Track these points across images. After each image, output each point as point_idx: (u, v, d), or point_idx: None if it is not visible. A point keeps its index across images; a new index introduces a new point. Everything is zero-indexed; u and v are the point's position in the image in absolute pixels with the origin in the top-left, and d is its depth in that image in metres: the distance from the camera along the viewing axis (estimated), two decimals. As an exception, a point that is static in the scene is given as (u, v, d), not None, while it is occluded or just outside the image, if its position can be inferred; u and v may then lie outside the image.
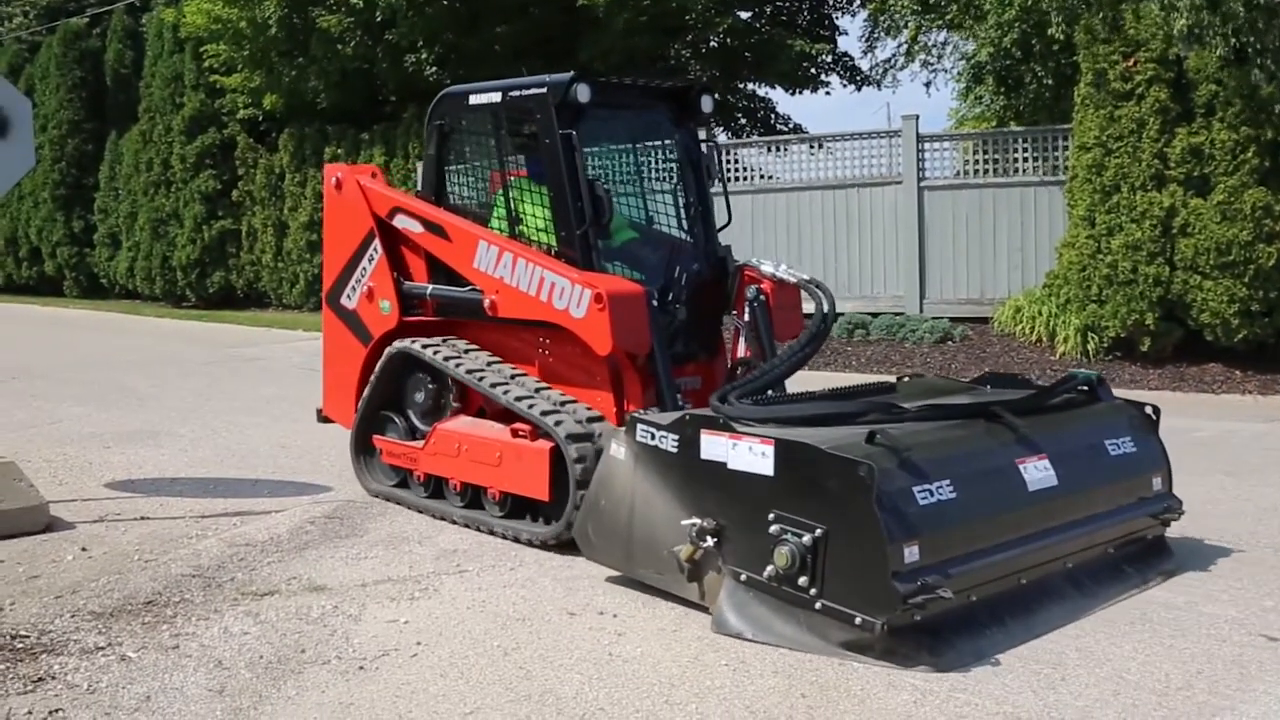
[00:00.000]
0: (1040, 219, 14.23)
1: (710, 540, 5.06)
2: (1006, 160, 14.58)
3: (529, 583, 5.72)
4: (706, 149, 7.42)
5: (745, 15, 21.18)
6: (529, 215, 6.95)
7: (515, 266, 6.70)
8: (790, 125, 23.54)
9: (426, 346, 7.14)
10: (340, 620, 5.19)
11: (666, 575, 5.32)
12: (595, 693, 4.36)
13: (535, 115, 6.78)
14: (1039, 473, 5.32)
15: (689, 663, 4.63)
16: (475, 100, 7.17)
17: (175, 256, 24.63)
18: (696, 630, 4.98)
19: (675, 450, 5.27)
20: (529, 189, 7.03)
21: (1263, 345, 11.94)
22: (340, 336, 7.88)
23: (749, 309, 6.94)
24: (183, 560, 6.15)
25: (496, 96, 7.02)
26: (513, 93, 6.93)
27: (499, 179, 7.21)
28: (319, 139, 22.17)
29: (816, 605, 4.70)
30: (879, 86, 21.31)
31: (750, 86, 23.40)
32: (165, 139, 24.79)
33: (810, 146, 16.57)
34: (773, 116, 23.72)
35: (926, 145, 15.17)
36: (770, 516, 4.84)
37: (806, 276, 6.92)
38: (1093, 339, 12.58)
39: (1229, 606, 5.23)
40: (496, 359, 7.00)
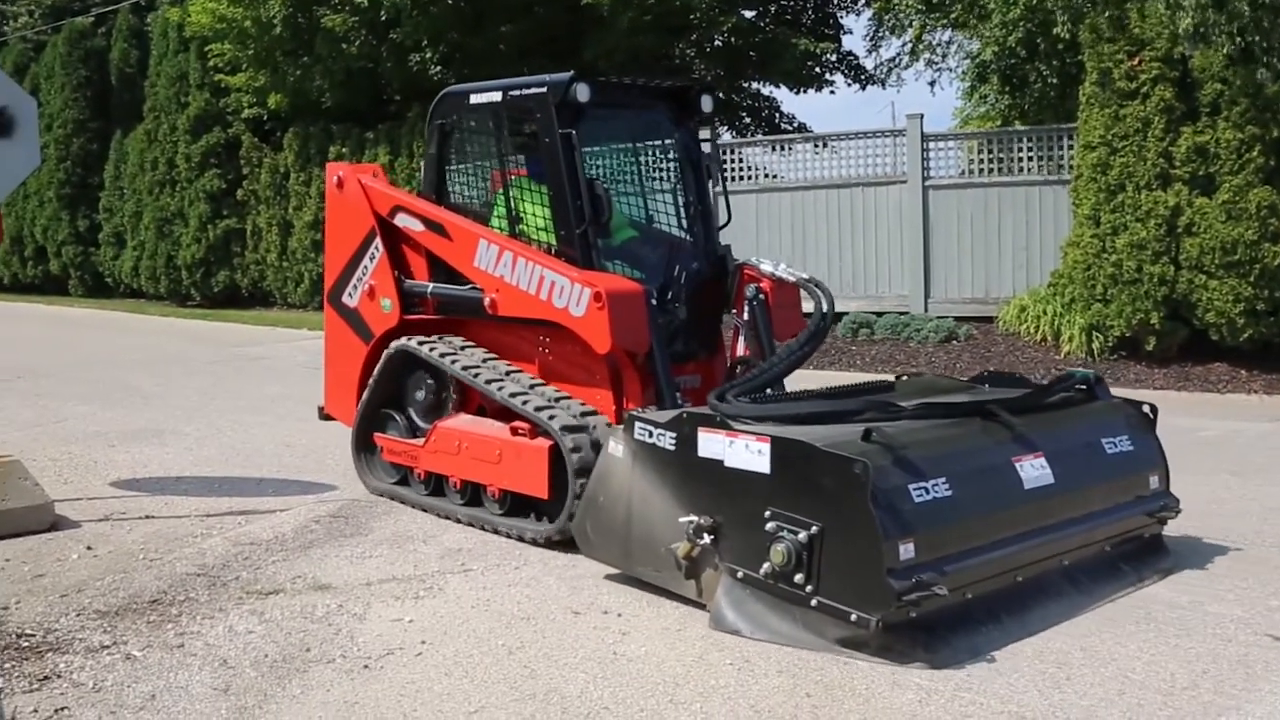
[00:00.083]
0: (1045, 218, 14.20)
1: (707, 537, 5.07)
2: (1011, 159, 14.56)
3: (533, 582, 5.73)
4: (708, 149, 7.43)
5: (750, 14, 21.14)
6: (529, 214, 6.97)
7: (515, 265, 6.72)
8: (795, 124, 23.50)
9: (425, 344, 7.17)
10: (345, 619, 5.20)
11: (664, 572, 5.33)
12: (600, 691, 4.36)
13: (535, 115, 6.80)
14: (1035, 471, 5.32)
15: (693, 662, 4.64)
16: (476, 100, 7.20)
17: (180, 256, 24.66)
18: (701, 629, 4.98)
19: (673, 448, 5.29)
20: (529, 188, 7.05)
21: (1268, 345, 11.91)
22: (342, 335, 7.90)
23: (748, 308, 6.95)
24: (188, 559, 6.17)
25: (497, 96, 7.05)
26: (513, 92, 6.95)
27: (499, 178, 7.23)
28: (324, 138, 22.17)
29: (812, 602, 4.72)
30: (883, 86, 21.33)
31: (755, 85, 23.36)
32: (170, 138, 24.81)
33: (815, 146, 16.55)
34: (777, 116, 23.69)
35: (931, 144, 15.14)
36: (767, 514, 4.86)
37: (805, 275, 6.92)
38: (1098, 338, 12.56)
39: (1234, 606, 5.23)
40: (493, 356, 7.02)
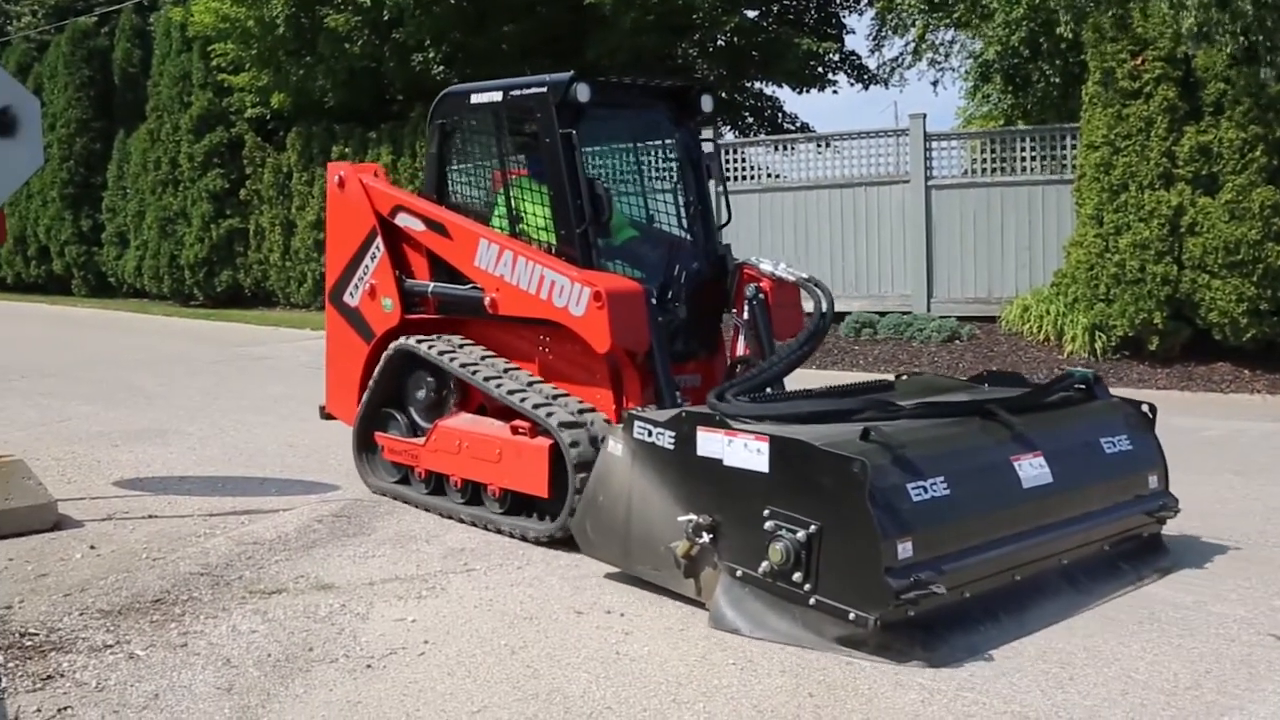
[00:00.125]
0: (1048, 218, 14.19)
1: (706, 536, 5.08)
2: (1013, 159, 14.55)
3: (536, 581, 5.73)
4: (708, 148, 7.44)
5: (752, 14, 21.12)
6: (530, 214, 6.98)
7: (515, 265, 6.73)
8: (797, 124, 23.49)
9: (423, 342, 7.19)
10: (348, 619, 5.20)
11: (663, 571, 5.34)
12: (602, 691, 4.36)
13: (535, 114, 6.82)
14: (1034, 470, 5.33)
15: (696, 661, 4.64)
16: (476, 100, 7.21)
17: (183, 255, 24.67)
18: (704, 629, 4.98)
19: (672, 447, 5.29)
20: (530, 188, 7.06)
21: (1271, 344, 11.90)
22: (343, 334, 7.91)
23: (748, 307, 6.96)
24: (191, 558, 6.17)
25: (497, 96, 7.06)
26: (513, 92, 6.97)
27: (500, 178, 7.24)
28: (326, 138, 22.18)
29: (811, 601, 4.73)
30: (886, 85, 21.32)
31: (757, 85, 23.36)
32: (173, 138, 24.83)
33: (817, 145, 16.54)
34: (780, 115, 23.68)
35: (934, 144, 15.13)
36: (765, 512, 4.86)
37: (805, 275, 6.93)
38: (1100, 338, 12.55)
39: (1237, 606, 5.22)
40: (490, 354, 7.05)
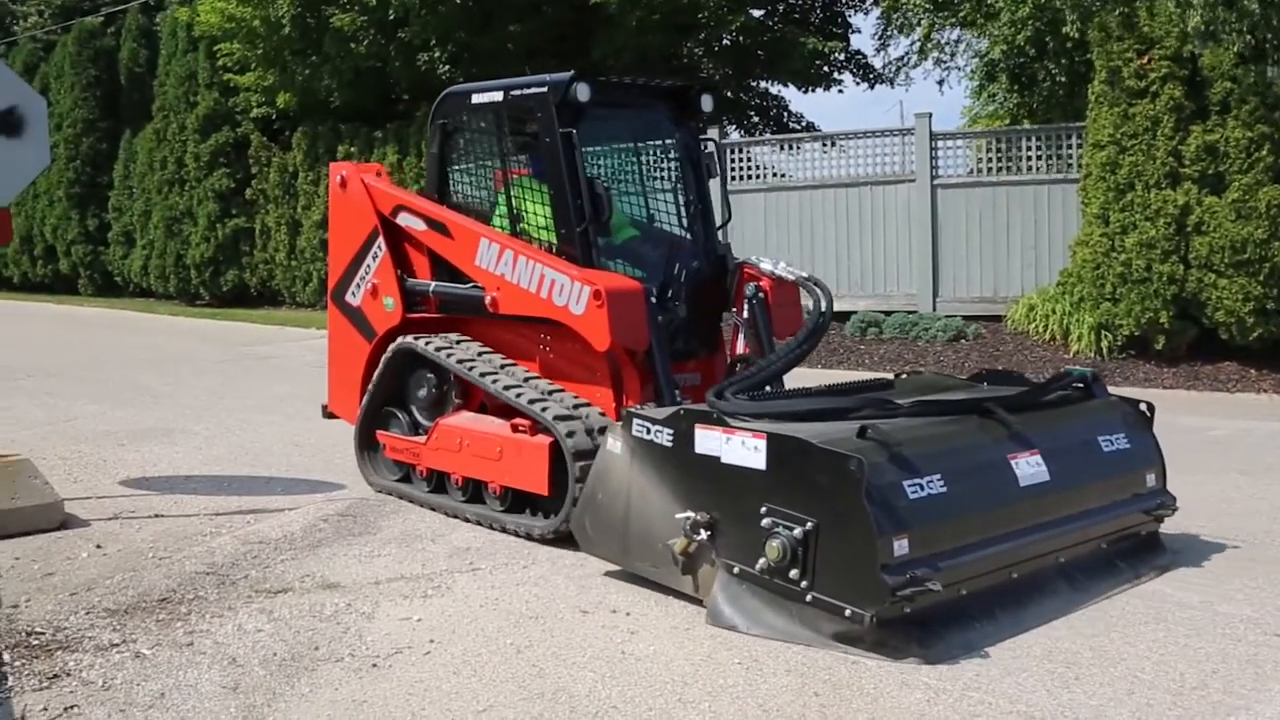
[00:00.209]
0: (1053, 217, 14.17)
1: (704, 533, 5.10)
2: (1019, 159, 14.52)
3: (542, 581, 5.73)
4: (707, 148, 7.46)
5: (758, 13, 21.12)
6: (530, 213, 7.00)
7: (516, 264, 6.76)
8: (803, 123, 23.49)
9: (419, 338, 7.24)
10: (353, 618, 5.21)
11: (661, 568, 5.36)
12: (608, 690, 4.37)
13: (536, 114, 6.85)
14: (1031, 468, 5.34)
15: (702, 661, 4.64)
16: (477, 99, 7.24)
17: (189, 255, 24.70)
18: (709, 629, 4.98)
19: (670, 444, 5.31)
20: (530, 187, 7.08)
21: (1278, 344, 11.87)
22: (345, 333, 7.95)
23: (748, 306, 6.98)
24: (197, 558, 6.18)
25: (498, 95, 7.09)
26: (514, 92, 7.00)
27: (501, 177, 7.26)
28: (332, 137, 22.18)
29: (807, 597, 4.75)
30: (892, 84, 21.28)
31: (763, 84, 23.35)
32: (179, 137, 24.86)
33: (823, 145, 16.52)
34: (785, 115, 23.67)
35: (940, 143, 15.10)
36: (762, 510, 4.88)
37: (805, 274, 6.96)
38: (1106, 337, 12.54)
39: (1244, 605, 5.21)
40: (488, 350, 7.08)
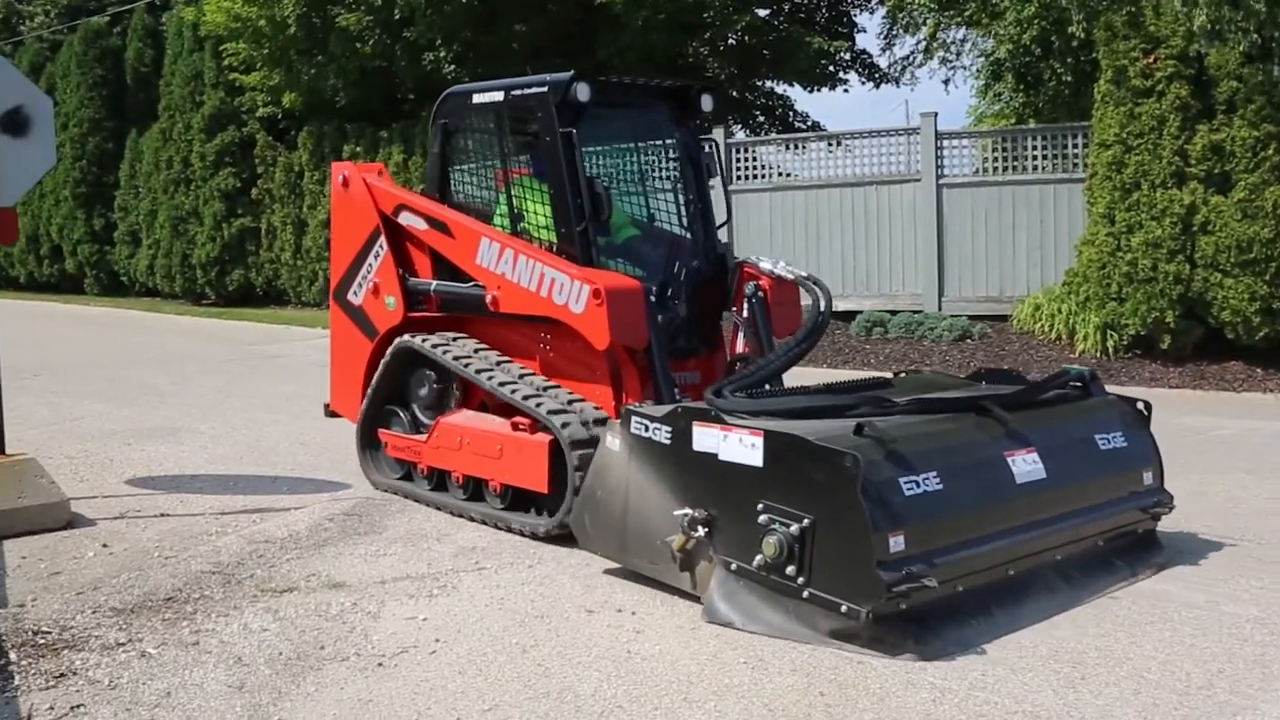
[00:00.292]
0: (1059, 217, 14.15)
1: (701, 530, 5.12)
2: (1025, 158, 14.51)
3: (547, 580, 5.74)
4: (707, 147, 7.49)
5: (763, 12, 21.13)
6: (531, 212, 7.02)
7: (516, 263, 6.78)
8: (808, 123, 23.50)
9: (420, 336, 7.28)
10: (359, 617, 5.21)
11: (659, 565, 5.38)
12: (614, 690, 4.37)
13: (536, 114, 6.87)
14: (1027, 466, 5.35)
15: (707, 660, 4.64)
16: (478, 99, 7.27)
17: (195, 254, 24.76)
18: (715, 628, 4.98)
19: (668, 442, 5.33)
20: (531, 186, 7.10)
21: (1284, 343, 11.87)
22: (347, 332, 7.97)
23: (748, 305, 7.01)
24: (203, 557, 6.19)
25: (499, 95, 7.11)
26: (514, 92, 7.02)
27: (502, 177, 7.29)
28: (338, 137, 22.22)
29: (804, 594, 4.76)
30: (897, 84, 21.38)
31: (768, 84, 23.36)
32: (185, 137, 24.91)
33: (829, 144, 16.53)
34: (791, 114, 23.68)
35: (945, 143, 15.09)
36: (759, 507, 4.90)
37: (804, 273, 6.98)
38: (1112, 337, 12.52)
39: (1250, 605, 5.20)
40: (484, 347, 7.12)
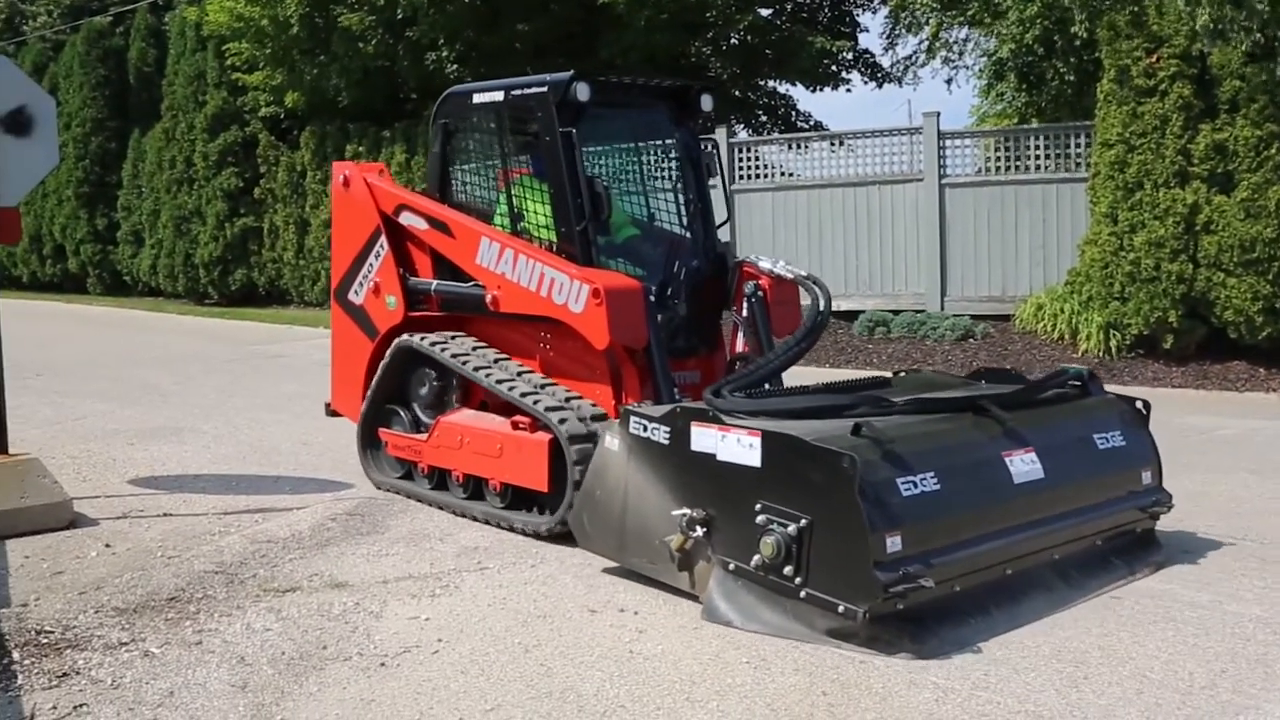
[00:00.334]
0: (1062, 216, 14.14)
1: (700, 530, 5.13)
2: (1027, 157, 14.49)
3: (550, 580, 5.74)
4: (707, 147, 7.51)
5: (766, 12, 21.11)
6: (531, 212, 7.03)
7: (516, 262, 6.79)
8: (811, 123, 23.47)
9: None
10: (362, 617, 5.21)
11: (658, 565, 5.39)
12: (616, 690, 4.37)
13: (536, 113, 6.88)
14: (1025, 465, 5.36)
15: (710, 660, 4.64)
16: (479, 99, 7.28)
17: (198, 254, 24.77)
18: (717, 628, 4.98)
19: (667, 442, 5.35)
20: (531, 186, 7.11)
21: (1287, 343, 11.85)
22: (348, 331, 7.99)
23: (747, 305, 7.02)
24: (205, 557, 6.19)
25: (499, 95, 7.13)
26: (514, 92, 7.03)
27: (502, 176, 7.29)
28: (340, 137, 22.23)
29: (801, 594, 4.78)
30: (900, 83, 21.33)
31: (771, 84, 23.34)
32: (188, 137, 24.93)
33: (831, 144, 16.52)
34: (793, 114, 23.66)
35: (948, 142, 15.08)
36: (757, 507, 4.91)
37: (804, 272, 6.99)
38: (1115, 336, 12.51)
39: (1254, 605, 5.20)
40: (483, 345, 7.14)
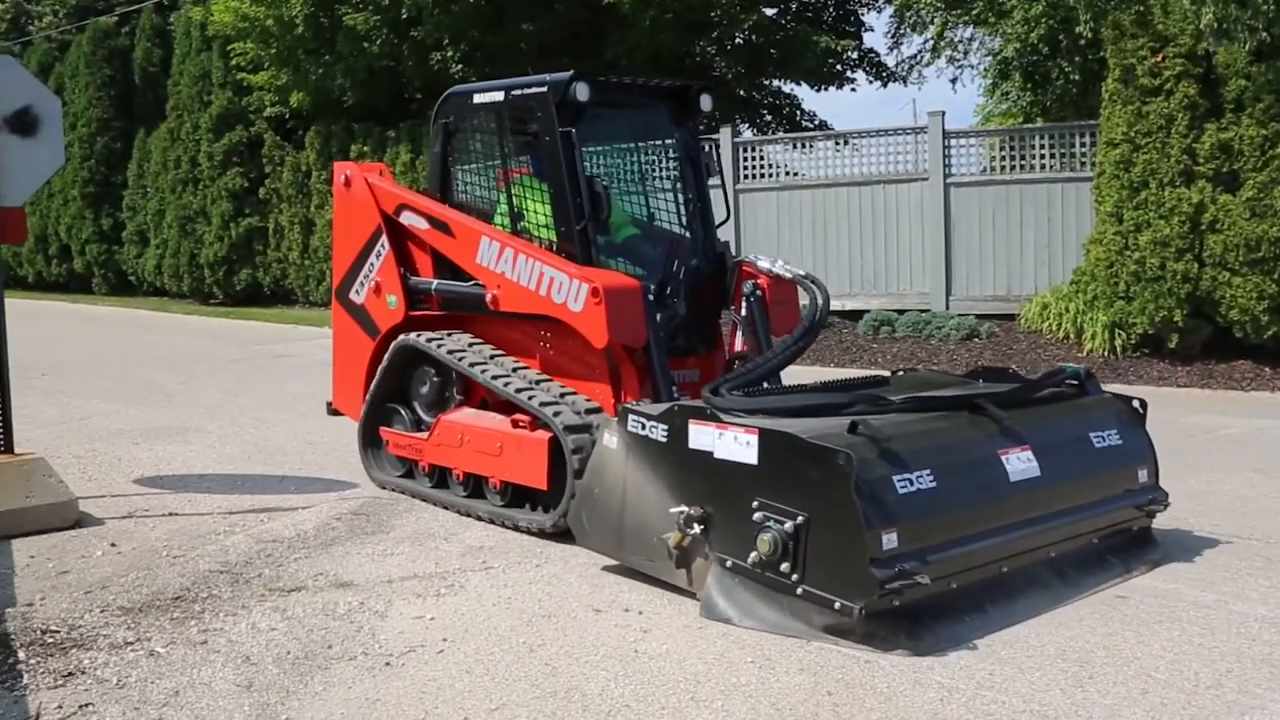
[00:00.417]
0: (1067, 215, 14.13)
1: (697, 527, 5.16)
2: (1032, 157, 14.48)
3: (555, 579, 5.74)
4: (706, 147, 7.53)
5: (771, 12, 21.09)
6: (531, 212, 7.05)
7: (516, 262, 6.81)
8: (816, 122, 23.46)
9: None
10: (367, 616, 5.22)
11: (656, 562, 5.41)
12: (621, 689, 4.37)
13: (536, 113, 6.89)
14: (1021, 464, 5.38)
15: (715, 659, 4.64)
16: (479, 99, 7.30)
17: (203, 254, 24.79)
18: (722, 627, 4.98)
19: (665, 440, 5.37)
20: (531, 186, 7.13)
21: (1293, 342, 11.83)
22: (349, 331, 8.01)
23: (746, 304, 7.04)
24: (210, 556, 6.20)
25: (499, 95, 7.15)
26: (514, 92, 7.05)
27: (502, 176, 7.31)
28: (345, 137, 22.22)
29: (798, 591, 4.80)
30: (905, 83, 21.29)
31: (775, 83, 23.31)
32: (193, 137, 24.95)
33: (836, 143, 16.50)
34: (798, 113, 23.64)
35: (952, 142, 15.07)
36: (754, 504, 4.93)
37: (802, 271, 7.01)
38: (1120, 336, 12.50)
39: (1259, 605, 5.19)
40: (479, 341, 7.17)
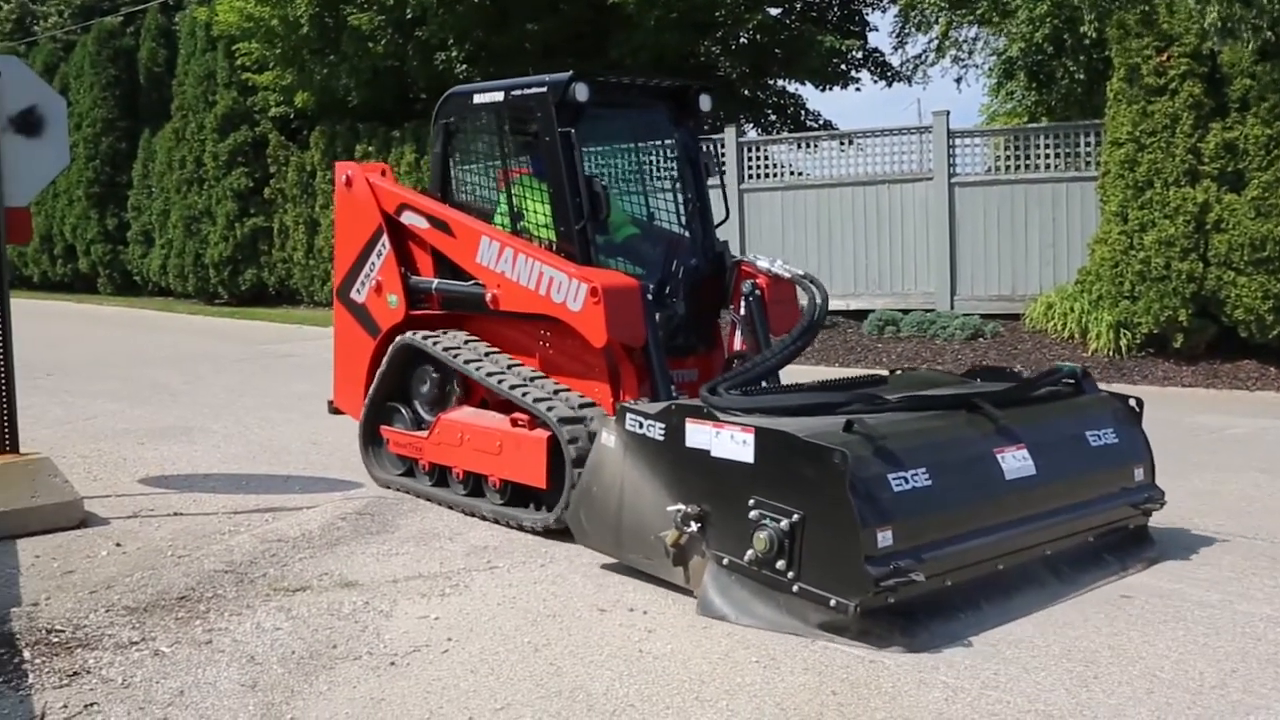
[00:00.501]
0: (1071, 215, 14.11)
1: (694, 525, 5.18)
2: (1037, 156, 14.46)
3: (559, 579, 5.75)
4: (706, 147, 7.55)
5: (775, 11, 21.08)
6: (531, 211, 7.07)
7: (516, 261, 6.84)
8: (820, 122, 23.44)
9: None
10: (371, 616, 5.23)
11: (654, 560, 5.44)
12: (626, 689, 4.37)
13: (536, 114, 6.92)
14: (1017, 462, 5.40)
15: (719, 659, 4.64)
16: (479, 99, 7.32)
17: (208, 254, 24.81)
18: (727, 627, 4.98)
19: (662, 439, 5.40)
20: (531, 186, 7.15)
21: (1298, 342, 11.80)
22: (350, 330, 8.04)
23: (745, 303, 7.06)
24: (215, 556, 6.21)
25: (499, 96, 7.17)
26: (514, 92, 7.07)
27: (502, 176, 7.33)
28: (350, 137, 22.22)
29: (794, 588, 4.82)
30: (909, 82, 21.25)
31: (780, 83, 23.30)
32: (198, 137, 24.97)
33: (840, 143, 16.50)
34: (803, 113, 23.62)
35: (957, 141, 15.06)
36: (750, 502, 4.95)
37: (801, 271, 7.03)
38: (1125, 335, 12.48)
39: (1264, 604, 5.19)
40: (474, 338, 7.19)
